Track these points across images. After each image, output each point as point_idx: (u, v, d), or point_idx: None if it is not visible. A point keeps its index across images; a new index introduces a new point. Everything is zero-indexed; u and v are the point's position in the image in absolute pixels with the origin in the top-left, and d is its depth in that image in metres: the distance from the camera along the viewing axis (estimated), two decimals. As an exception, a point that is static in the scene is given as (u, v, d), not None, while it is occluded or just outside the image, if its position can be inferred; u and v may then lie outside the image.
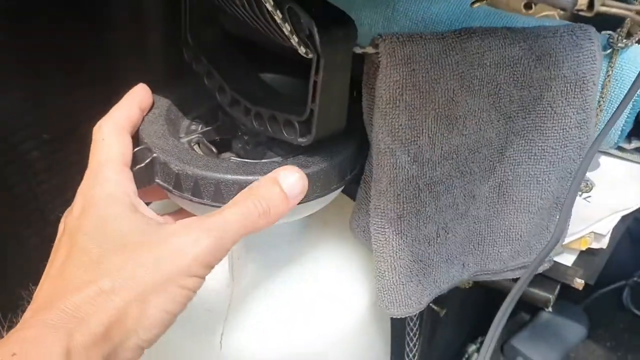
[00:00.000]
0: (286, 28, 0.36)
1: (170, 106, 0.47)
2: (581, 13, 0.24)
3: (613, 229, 0.65)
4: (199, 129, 0.48)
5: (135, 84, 0.46)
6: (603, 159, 0.75)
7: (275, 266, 0.52)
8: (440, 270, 0.50)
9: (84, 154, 0.60)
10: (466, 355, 1.02)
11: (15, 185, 0.62)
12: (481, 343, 1.04)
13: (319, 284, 0.52)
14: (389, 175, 0.43)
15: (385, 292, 0.48)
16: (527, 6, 0.29)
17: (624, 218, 0.66)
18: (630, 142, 0.73)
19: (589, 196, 0.68)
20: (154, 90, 0.49)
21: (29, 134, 0.60)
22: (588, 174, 0.72)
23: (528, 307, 1.23)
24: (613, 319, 1.20)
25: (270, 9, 0.34)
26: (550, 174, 0.49)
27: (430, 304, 0.72)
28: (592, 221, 0.63)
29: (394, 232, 0.46)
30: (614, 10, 0.25)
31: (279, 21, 0.35)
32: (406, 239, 0.46)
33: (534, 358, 1.09)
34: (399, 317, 0.50)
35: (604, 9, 0.25)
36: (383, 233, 0.46)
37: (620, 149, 0.74)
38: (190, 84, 0.50)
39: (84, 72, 0.59)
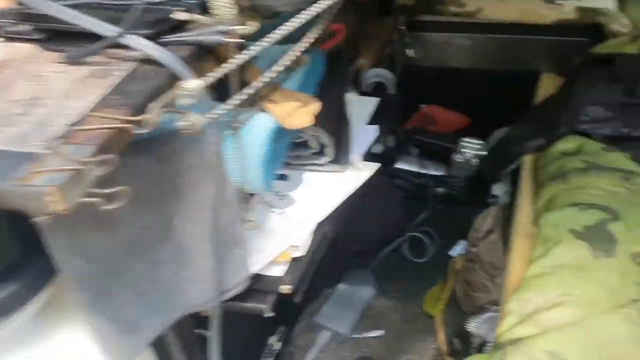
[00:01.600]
0: None
1: None
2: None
3: (315, 231, 0.82)
4: None
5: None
6: (306, 175, 0.93)
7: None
8: (146, 325, 0.64)
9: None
10: (269, 345, 1.18)
11: None
12: (282, 333, 1.21)
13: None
14: (72, 277, 0.57)
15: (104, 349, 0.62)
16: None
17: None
18: (321, 159, 0.92)
19: (283, 212, 0.85)
20: None
21: None
22: (291, 193, 0.90)
23: (331, 283, 1.43)
24: (398, 271, 1.43)
25: None
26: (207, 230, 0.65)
27: (195, 330, 0.87)
28: (290, 237, 0.81)
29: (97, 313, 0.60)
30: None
31: None
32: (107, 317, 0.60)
33: (335, 328, 1.28)
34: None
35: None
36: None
37: (316, 165, 0.93)
38: None
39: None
